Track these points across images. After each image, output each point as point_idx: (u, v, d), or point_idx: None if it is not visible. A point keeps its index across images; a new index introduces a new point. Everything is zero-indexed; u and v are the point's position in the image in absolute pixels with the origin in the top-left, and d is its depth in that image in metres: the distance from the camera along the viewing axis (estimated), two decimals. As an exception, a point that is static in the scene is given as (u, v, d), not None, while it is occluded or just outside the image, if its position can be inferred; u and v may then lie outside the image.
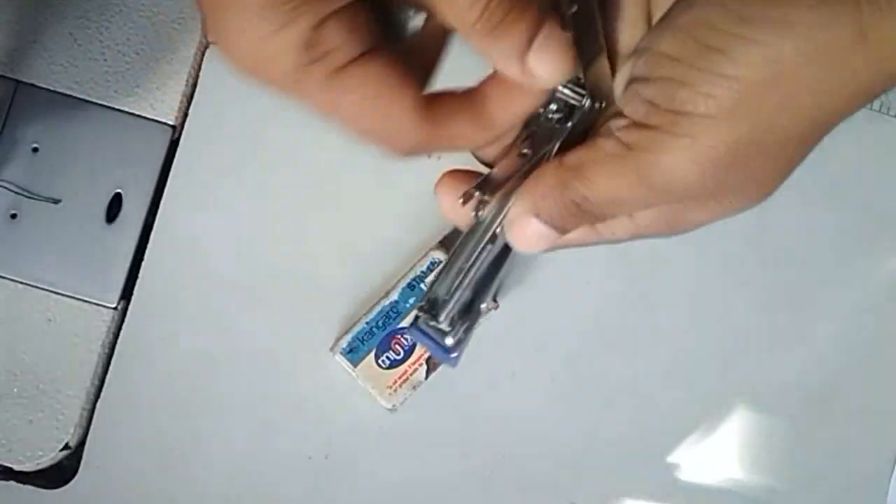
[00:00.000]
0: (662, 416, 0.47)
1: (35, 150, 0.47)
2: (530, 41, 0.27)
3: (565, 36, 0.28)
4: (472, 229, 0.32)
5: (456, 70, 0.30)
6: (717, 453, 0.47)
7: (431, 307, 0.33)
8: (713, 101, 0.26)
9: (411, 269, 0.45)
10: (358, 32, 0.28)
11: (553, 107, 0.31)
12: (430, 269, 0.45)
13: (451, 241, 0.47)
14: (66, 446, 0.45)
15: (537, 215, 0.30)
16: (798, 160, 0.28)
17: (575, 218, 0.30)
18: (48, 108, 0.47)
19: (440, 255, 0.45)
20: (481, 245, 0.32)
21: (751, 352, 0.48)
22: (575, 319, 0.48)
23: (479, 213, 0.31)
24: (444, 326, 0.33)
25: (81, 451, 0.46)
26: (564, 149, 0.31)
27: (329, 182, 0.48)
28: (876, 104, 0.49)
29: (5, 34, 0.47)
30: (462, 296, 0.32)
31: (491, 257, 0.32)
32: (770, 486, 0.47)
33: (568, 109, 0.31)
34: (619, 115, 0.29)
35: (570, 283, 0.48)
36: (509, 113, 0.30)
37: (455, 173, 0.32)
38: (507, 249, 0.33)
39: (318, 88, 0.27)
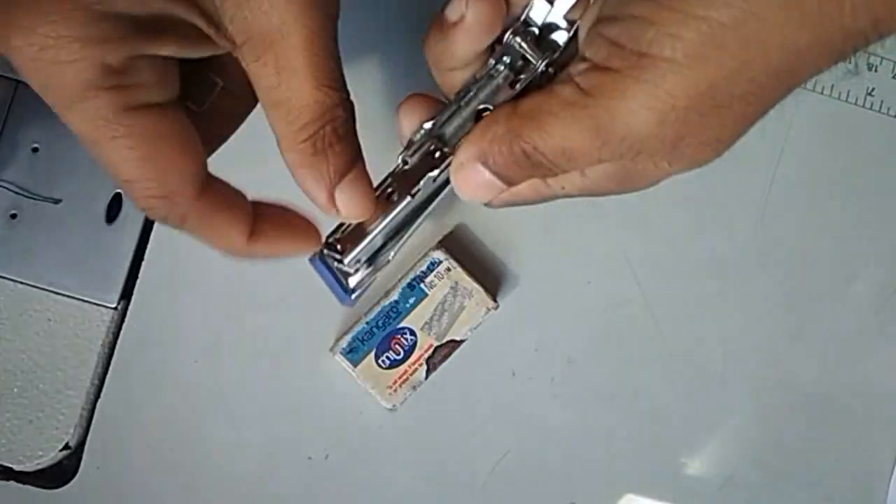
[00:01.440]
0: (662, 416, 0.47)
1: (35, 150, 0.47)
2: (342, 176, 0.28)
3: (370, 183, 0.29)
4: (394, 176, 0.32)
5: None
6: (717, 453, 0.47)
7: (336, 245, 0.32)
8: (679, 43, 0.25)
9: (411, 269, 0.45)
10: (168, 81, 0.27)
11: (507, 59, 0.30)
12: (430, 269, 0.45)
13: (450, 241, 0.47)
14: (66, 446, 0.45)
15: (485, 163, 0.29)
16: (757, 117, 0.27)
17: (524, 169, 0.29)
18: (48, 109, 0.47)
19: (440, 255, 0.45)
20: (401, 195, 0.31)
21: (751, 352, 0.48)
22: (575, 319, 0.48)
23: (406, 161, 0.31)
24: (348, 268, 0.32)
25: (81, 451, 0.46)
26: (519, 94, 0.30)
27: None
28: (876, 104, 0.49)
29: (5, 34, 0.47)
30: (373, 242, 0.32)
31: (409, 209, 0.32)
32: (770, 486, 0.47)
33: (522, 66, 0.30)
34: (581, 58, 0.27)
35: (570, 283, 0.48)
36: (268, 246, 0.30)
37: (418, 97, 0.31)
38: (427, 203, 0.32)
39: (100, 116, 0.26)
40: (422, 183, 0.31)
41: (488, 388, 0.47)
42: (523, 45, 0.30)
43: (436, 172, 0.31)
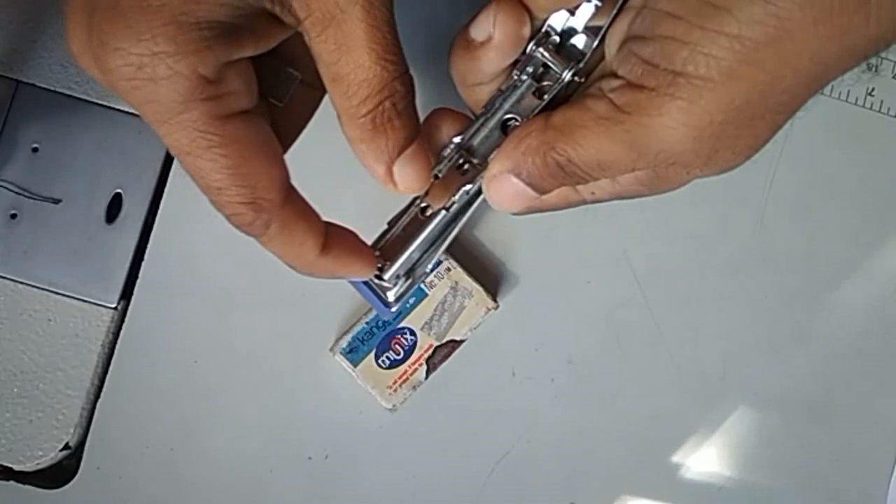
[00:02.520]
0: (663, 416, 0.47)
1: (35, 150, 0.47)
2: (401, 150, 0.28)
3: (429, 157, 0.29)
4: (426, 191, 0.32)
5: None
6: (717, 453, 0.47)
7: (377, 260, 0.32)
8: (714, 61, 0.25)
9: (411, 269, 0.45)
10: (252, 86, 0.28)
11: (530, 69, 0.31)
12: (430, 270, 0.45)
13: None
14: (66, 446, 0.45)
15: (518, 174, 0.29)
16: (786, 121, 0.28)
17: (556, 179, 0.29)
18: (48, 108, 0.47)
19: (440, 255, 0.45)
20: (436, 209, 0.32)
21: (751, 352, 0.48)
22: (575, 319, 0.48)
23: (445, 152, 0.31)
24: (388, 284, 0.33)
25: (81, 451, 0.46)
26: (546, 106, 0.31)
27: (330, 182, 0.48)
28: (876, 104, 0.49)
29: (5, 34, 0.47)
30: (411, 256, 0.32)
31: (444, 221, 0.32)
32: (770, 487, 0.47)
33: (544, 74, 0.31)
34: (613, 75, 0.28)
35: (570, 283, 0.48)
36: (335, 267, 0.31)
37: (442, 112, 0.32)
38: (460, 214, 0.32)
39: (196, 127, 0.26)
40: (457, 196, 0.31)
41: (488, 388, 0.47)
42: (546, 55, 0.30)
43: (470, 186, 0.31)
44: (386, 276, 0.32)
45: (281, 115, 0.31)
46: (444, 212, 0.32)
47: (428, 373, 0.45)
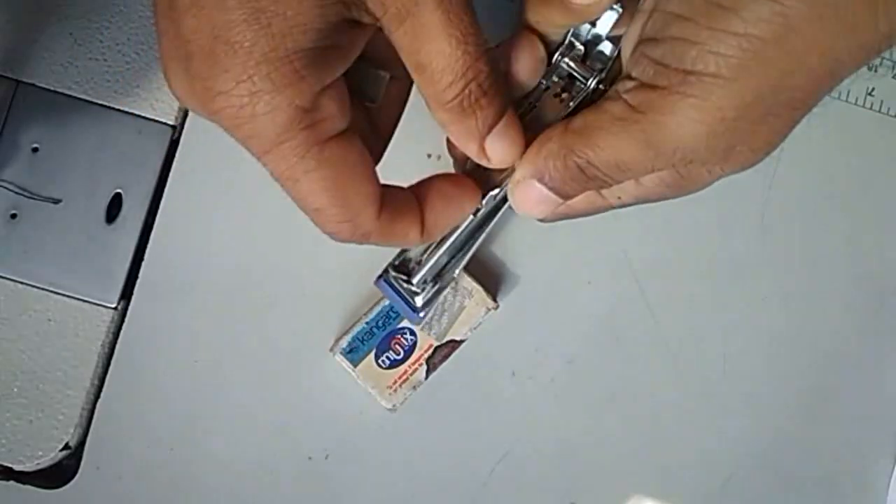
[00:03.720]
0: (663, 416, 0.47)
1: (35, 150, 0.47)
2: (492, 127, 0.29)
3: (519, 127, 0.30)
4: None
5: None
6: (717, 453, 0.47)
7: (403, 266, 0.33)
8: (723, 59, 0.25)
9: (411, 269, 0.45)
10: (346, 103, 0.28)
11: (555, 78, 0.31)
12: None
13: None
14: (66, 446, 0.45)
15: (541, 179, 0.30)
16: (801, 116, 0.28)
17: (579, 183, 0.30)
18: (48, 108, 0.47)
19: (440, 255, 0.45)
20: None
21: (751, 352, 0.48)
22: (575, 319, 0.48)
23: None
24: (416, 288, 0.33)
25: (81, 451, 0.46)
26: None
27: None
28: (876, 104, 0.49)
29: (5, 34, 0.47)
30: (439, 260, 0.33)
31: (471, 227, 0.33)
32: (770, 487, 0.47)
33: (570, 83, 0.32)
34: (627, 77, 0.29)
35: (570, 283, 0.48)
36: (443, 224, 0.31)
37: None
38: (487, 219, 0.33)
39: (296, 154, 0.27)
40: (484, 201, 0.32)
41: (488, 388, 0.47)
42: (571, 64, 0.31)
43: (497, 190, 0.32)
44: (414, 281, 0.33)
45: (377, 114, 0.33)
46: (471, 217, 0.32)
47: (428, 373, 0.45)
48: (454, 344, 0.45)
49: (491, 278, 0.47)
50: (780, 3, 0.25)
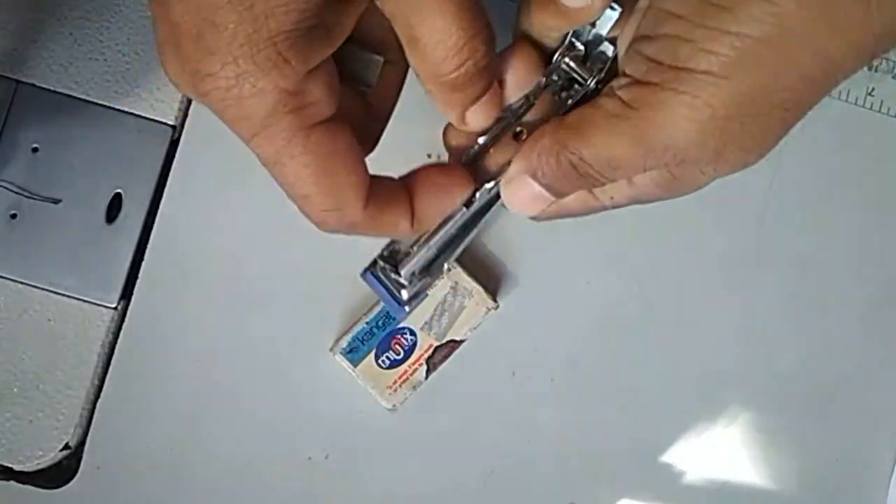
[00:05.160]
0: (663, 416, 0.47)
1: (35, 150, 0.47)
2: (481, 97, 0.29)
3: (499, 98, 0.30)
4: None
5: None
6: (718, 453, 0.47)
7: (391, 257, 0.33)
8: (715, 57, 0.25)
9: (411, 269, 0.45)
10: (334, 88, 0.28)
11: (555, 77, 0.31)
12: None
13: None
14: (66, 446, 0.45)
15: (533, 175, 0.30)
16: (796, 119, 0.28)
17: (571, 180, 0.30)
18: (48, 108, 0.47)
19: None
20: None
21: (751, 351, 0.48)
22: (575, 319, 0.48)
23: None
24: (404, 280, 0.33)
25: (81, 451, 0.46)
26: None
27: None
28: (876, 104, 0.49)
29: (5, 34, 0.47)
30: (428, 253, 0.32)
31: (463, 220, 0.32)
32: (770, 486, 0.47)
33: (569, 82, 0.31)
34: (622, 74, 0.29)
35: (570, 283, 0.48)
36: (434, 213, 0.31)
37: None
38: (478, 215, 0.32)
39: (282, 139, 0.27)
40: (477, 195, 0.31)
41: (488, 388, 0.47)
42: (571, 64, 0.31)
43: (491, 184, 0.31)
44: (402, 272, 0.32)
45: (372, 99, 0.32)
46: (463, 209, 0.32)
47: (428, 373, 0.45)
48: (454, 344, 0.45)
49: (491, 278, 0.47)
50: (774, 3, 0.25)
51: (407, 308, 0.34)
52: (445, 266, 0.33)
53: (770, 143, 0.28)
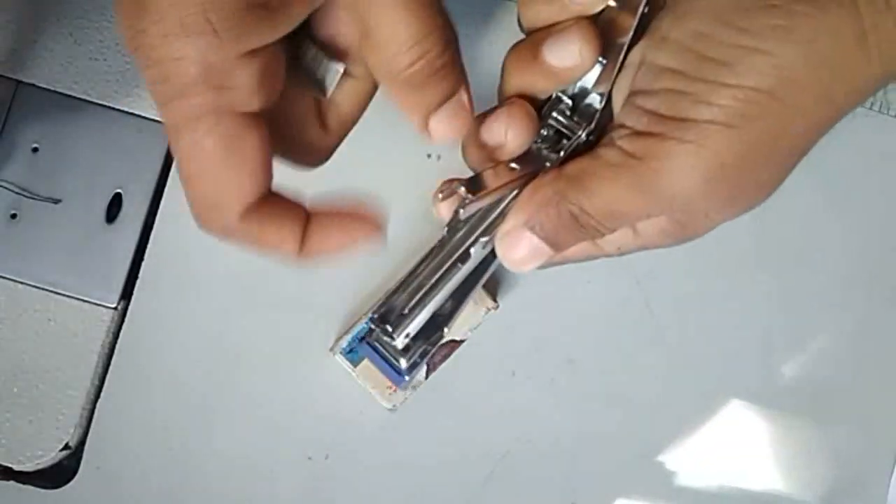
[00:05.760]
0: (662, 417, 0.47)
1: (35, 150, 0.47)
2: (441, 102, 0.27)
3: (469, 109, 0.28)
4: (443, 242, 0.30)
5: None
6: (717, 454, 0.47)
7: (386, 318, 0.30)
8: (718, 108, 0.25)
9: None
10: (269, 82, 0.26)
11: (544, 132, 0.30)
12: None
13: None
14: (66, 446, 0.45)
15: (532, 228, 0.29)
16: (799, 159, 0.28)
17: (572, 232, 0.29)
18: (48, 108, 0.47)
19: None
20: (450, 261, 0.30)
21: (751, 352, 0.48)
22: (575, 319, 0.48)
23: (459, 216, 0.29)
24: (398, 344, 0.30)
25: (81, 451, 0.46)
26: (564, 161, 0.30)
27: (330, 181, 0.48)
28: (876, 104, 0.49)
29: (5, 34, 0.47)
30: (423, 315, 0.30)
31: (461, 277, 0.30)
32: (770, 486, 0.47)
33: (558, 136, 0.30)
34: (621, 126, 0.28)
35: (570, 283, 0.48)
36: (324, 248, 0.29)
37: (453, 181, 0.30)
38: (478, 272, 0.31)
39: (191, 114, 0.25)
40: (472, 250, 0.30)
41: (488, 388, 0.47)
42: (559, 118, 0.30)
43: (486, 239, 0.30)
44: (395, 336, 0.30)
45: (328, 110, 0.31)
46: (459, 265, 0.30)
47: (428, 373, 0.45)
48: (454, 344, 0.45)
49: (491, 278, 0.47)
50: (775, 55, 0.25)
51: (407, 378, 0.33)
52: (446, 329, 0.31)
53: (778, 182, 0.28)
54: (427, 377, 0.45)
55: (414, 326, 0.30)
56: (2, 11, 0.47)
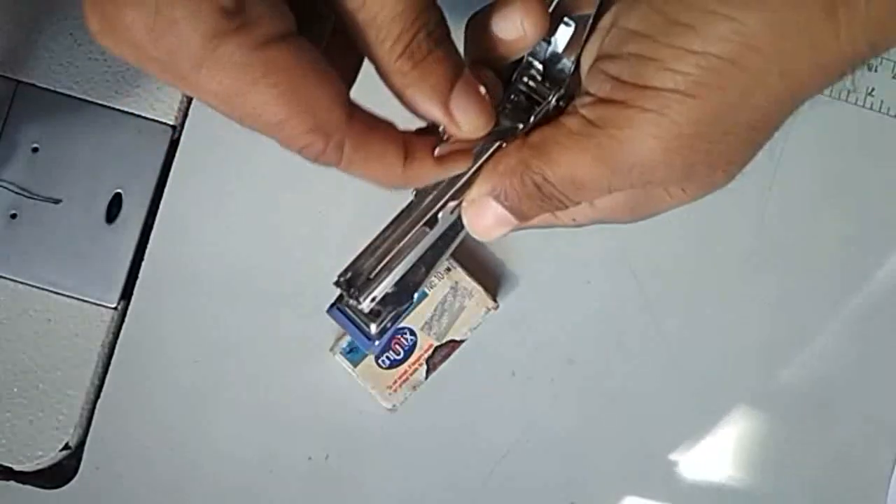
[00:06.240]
0: (662, 416, 0.47)
1: (35, 150, 0.47)
2: (451, 85, 0.26)
3: (480, 87, 0.27)
4: (410, 207, 0.30)
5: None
6: (717, 454, 0.47)
7: (352, 282, 0.29)
8: (681, 77, 0.25)
9: (411, 269, 0.45)
10: (282, 8, 0.24)
11: (514, 98, 0.30)
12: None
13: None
14: (66, 446, 0.45)
15: (497, 197, 0.29)
16: (764, 140, 0.27)
17: (535, 201, 0.28)
18: (48, 108, 0.47)
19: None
20: (418, 226, 0.29)
21: (751, 352, 0.48)
22: (575, 319, 0.48)
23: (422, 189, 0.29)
24: (364, 307, 0.30)
25: (81, 451, 0.46)
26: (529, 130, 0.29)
27: (330, 182, 0.48)
28: (876, 104, 0.49)
29: (5, 34, 0.47)
30: (389, 278, 0.29)
31: (428, 242, 0.30)
32: (770, 487, 0.47)
33: (531, 102, 0.30)
34: (585, 93, 0.28)
35: (570, 283, 0.48)
36: (425, 173, 0.28)
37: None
38: (446, 237, 0.30)
39: (236, 62, 0.23)
40: (440, 215, 0.29)
41: (488, 388, 0.47)
42: (530, 83, 0.30)
43: (454, 204, 0.29)
44: (361, 299, 0.29)
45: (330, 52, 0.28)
46: (426, 229, 0.29)
47: (428, 373, 0.45)
48: (454, 344, 0.45)
49: (491, 278, 0.47)
50: (740, 22, 0.24)
51: (377, 343, 0.32)
52: (415, 295, 0.31)
53: (738, 162, 0.28)
54: (427, 377, 0.45)
55: (380, 290, 0.29)
56: (2, 12, 0.47)
